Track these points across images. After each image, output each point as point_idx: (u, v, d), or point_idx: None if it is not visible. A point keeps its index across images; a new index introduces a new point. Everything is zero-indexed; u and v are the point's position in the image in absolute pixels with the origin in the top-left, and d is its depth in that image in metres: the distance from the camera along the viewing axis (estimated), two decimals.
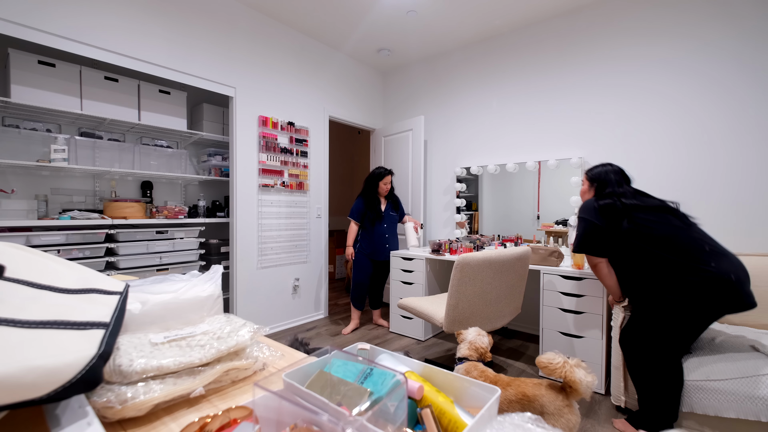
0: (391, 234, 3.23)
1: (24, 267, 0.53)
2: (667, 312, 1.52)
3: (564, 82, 2.92)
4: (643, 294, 1.62)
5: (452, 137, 3.63)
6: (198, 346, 0.63)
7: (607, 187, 1.82)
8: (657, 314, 1.56)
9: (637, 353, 1.63)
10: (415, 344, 2.86)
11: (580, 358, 2.14)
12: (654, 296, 1.56)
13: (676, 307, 1.50)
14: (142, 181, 2.80)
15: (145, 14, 2.35)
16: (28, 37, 1.92)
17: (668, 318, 1.52)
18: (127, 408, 0.51)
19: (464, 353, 1.37)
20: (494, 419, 0.47)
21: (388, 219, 3.19)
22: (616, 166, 1.88)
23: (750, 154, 2.21)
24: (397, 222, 3.30)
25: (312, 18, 3.05)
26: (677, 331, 1.53)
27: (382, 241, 3.15)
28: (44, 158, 2.27)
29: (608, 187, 1.81)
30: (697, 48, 2.37)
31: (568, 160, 2.86)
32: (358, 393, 0.48)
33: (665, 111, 2.49)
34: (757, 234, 2.19)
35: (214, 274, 0.83)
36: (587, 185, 1.95)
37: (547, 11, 2.90)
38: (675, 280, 1.50)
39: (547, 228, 3.00)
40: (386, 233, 3.18)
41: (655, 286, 1.56)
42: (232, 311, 2.88)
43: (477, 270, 1.93)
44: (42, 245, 2.03)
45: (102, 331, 0.48)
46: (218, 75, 2.72)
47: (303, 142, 3.31)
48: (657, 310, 1.56)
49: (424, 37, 3.36)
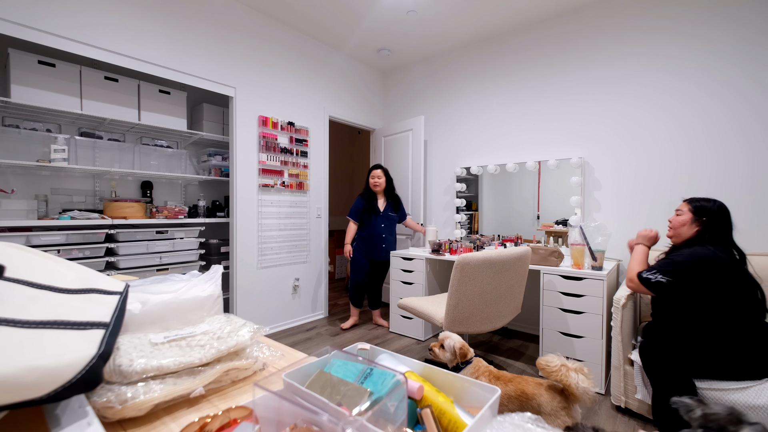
0: (389, 234, 3.18)
1: (24, 267, 0.53)
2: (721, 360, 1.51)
3: (564, 82, 2.92)
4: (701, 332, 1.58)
5: (452, 137, 3.63)
6: (198, 346, 0.63)
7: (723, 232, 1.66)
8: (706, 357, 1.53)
9: (659, 369, 1.60)
10: (415, 344, 2.86)
11: (580, 358, 2.15)
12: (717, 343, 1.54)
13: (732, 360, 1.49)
14: (142, 181, 2.79)
15: (145, 14, 2.35)
16: (28, 37, 1.92)
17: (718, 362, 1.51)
18: (127, 408, 0.51)
19: (450, 359, 1.35)
20: (494, 419, 0.47)
21: (385, 219, 3.15)
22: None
23: (751, 154, 2.21)
24: (395, 222, 3.24)
25: (312, 18, 3.05)
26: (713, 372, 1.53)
27: (378, 241, 3.12)
28: (44, 158, 2.26)
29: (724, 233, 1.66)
30: (698, 48, 2.37)
31: (568, 160, 2.86)
32: (358, 393, 0.48)
33: (666, 111, 2.49)
34: (761, 233, 2.19)
35: (214, 274, 0.83)
36: (690, 217, 1.72)
37: (547, 11, 2.90)
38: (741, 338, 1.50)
39: (547, 228, 3.00)
40: (383, 233, 3.13)
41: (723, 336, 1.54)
42: (232, 311, 2.88)
43: (477, 270, 1.93)
44: (42, 245, 2.03)
45: (102, 331, 0.48)
46: (218, 75, 2.72)
47: (303, 142, 3.31)
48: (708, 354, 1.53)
49: (424, 37, 3.36)
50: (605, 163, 2.74)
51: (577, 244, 2.26)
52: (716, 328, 1.55)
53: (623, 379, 1.86)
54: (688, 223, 1.71)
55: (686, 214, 1.73)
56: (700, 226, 1.68)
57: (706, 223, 1.67)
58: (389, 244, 3.19)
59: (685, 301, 1.63)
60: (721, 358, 1.51)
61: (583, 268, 2.23)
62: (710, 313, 1.57)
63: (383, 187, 3.16)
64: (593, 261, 2.19)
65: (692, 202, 1.74)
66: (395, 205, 3.23)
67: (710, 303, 1.57)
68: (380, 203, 3.17)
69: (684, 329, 1.62)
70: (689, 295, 1.61)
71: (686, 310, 1.63)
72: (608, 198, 2.74)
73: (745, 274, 1.59)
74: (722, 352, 1.51)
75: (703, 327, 1.57)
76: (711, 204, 1.70)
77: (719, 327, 1.54)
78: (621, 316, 1.86)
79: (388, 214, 3.17)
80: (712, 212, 1.67)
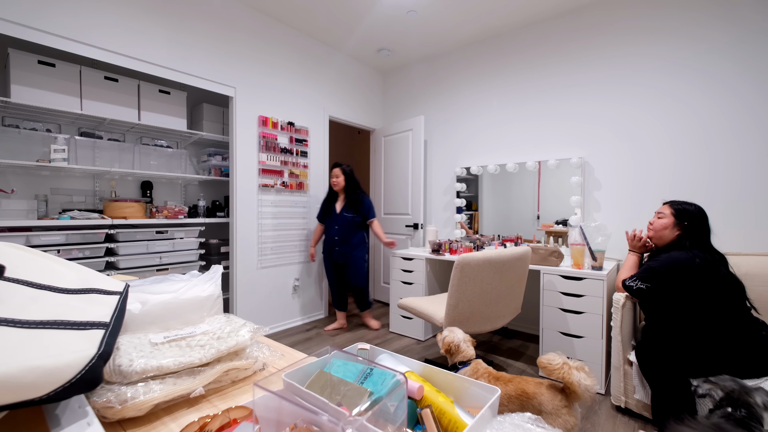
0: (344, 236, 3.01)
1: (24, 267, 0.53)
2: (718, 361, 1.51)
3: (564, 81, 2.92)
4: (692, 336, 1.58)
5: (452, 137, 3.63)
6: (198, 346, 0.63)
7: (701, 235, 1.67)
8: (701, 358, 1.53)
9: (654, 370, 1.61)
10: (415, 344, 2.86)
11: (580, 358, 2.15)
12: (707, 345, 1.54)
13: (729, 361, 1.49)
14: (142, 181, 2.79)
15: (145, 14, 2.35)
16: (28, 37, 1.92)
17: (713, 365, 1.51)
18: (127, 408, 0.51)
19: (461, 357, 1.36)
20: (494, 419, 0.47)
21: (340, 220, 3.01)
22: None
23: (751, 154, 2.21)
24: (350, 223, 3.02)
25: (312, 18, 3.05)
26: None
27: (332, 243, 3.05)
28: (44, 158, 2.26)
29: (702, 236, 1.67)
30: (698, 48, 2.37)
31: (568, 160, 2.86)
32: (358, 393, 0.48)
33: (666, 111, 2.49)
34: (759, 233, 2.19)
35: (214, 274, 0.83)
36: (672, 221, 1.73)
37: (546, 11, 2.90)
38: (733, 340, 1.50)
39: (547, 228, 3.00)
40: (336, 235, 3.02)
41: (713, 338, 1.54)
42: (232, 311, 2.88)
43: (477, 270, 1.93)
44: (42, 245, 2.03)
45: (102, 331, 0.48)
46: (218, 75, 2.72)
47: (303, 142, 3.31)
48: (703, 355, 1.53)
49: (424, 37, 3.36)
50: (605, 163, 2.74)
51: (577, 244, 2.26)
52: (703, 328, 1.56)
53: (623, 379, 1.86)
54: (670, 227, 1.73)
55: (668, 217, 1.74)
56: (681, 230, 1.71)
57: (688, 227, 1.69)
58: (343, 247, 3.02)
59: (667, 305, 1.65)
60: (712, 357, 1.51)
61: (583, 268, 2.23)
62: (694, 314, 1.58)
63: (342, 186, 3.03)
64: (593, 261, 2.19)
65: (674, 205, 1.76)
66: (354, 206, 3.03)
67: (691, 304, 1.59)
68: (338, 204, 3.07)
69: (673, 331, 1.63)
70: (669, 298, 1.63)
71: (671, 312, 1.65)
72: (608, 198, 2.74)
73: (724, 274, 1.60)
74: (712, 351, 1.52)
75: (690, 327, 1.58)
76: (692, 208, 1.72)
77: (706, 327, 1.55)
78: (620, 316, 1.86)
79: (344, 215, 3.02)
80: (693, 216, 1.69)
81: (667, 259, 1.65)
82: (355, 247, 3.05)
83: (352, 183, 3.06)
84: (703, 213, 1.72)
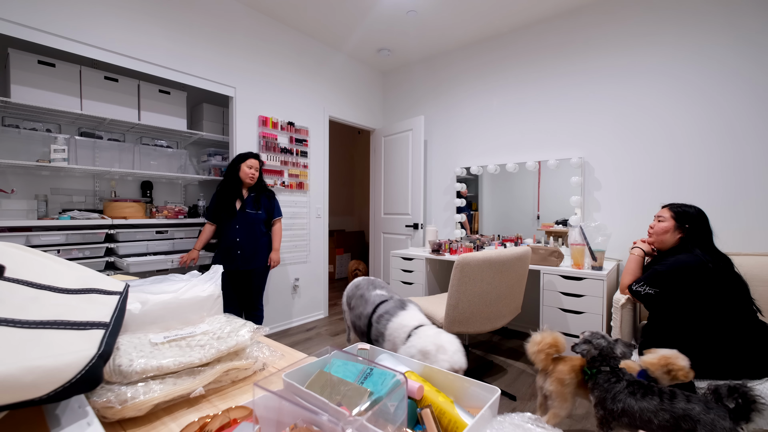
0: (248, 238, 2.47)
1: (24, 267, 0.53)
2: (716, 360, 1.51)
3: (564, 81, 2.92)
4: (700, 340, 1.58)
5: (452, 137, 3.63)
6: (198, 346, 0.63)
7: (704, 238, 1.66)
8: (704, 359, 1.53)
9: None
10: None
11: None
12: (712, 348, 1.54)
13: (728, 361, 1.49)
14: (142, 181, 2.79)
15: (145, 14, 2.35)
16: (28, 37, 1.92)
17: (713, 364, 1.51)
18: (127, 408, 0.51)
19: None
20: (494, 419, 0.47)
21: (242, 218, 2.47)
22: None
23: (750, 154, 2.21)
24: (256, 222, 2.51)
25: (312, 18, 3.05)
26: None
27: (233, 247, 2.44)
28: (44, 158, 2.26)
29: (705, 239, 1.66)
30: (698, 48, 2.37)
31: (568, 160, 2.86)
32: (358, 393, 0.48)
33: (666, 110, 2.49)
34: (759, 233, 2.19)
35: (214, 274, 0.83)
36: (672, 224, 1.71)
37: (546, 12, 2.90)
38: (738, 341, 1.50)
39: (547, 228, 3.00)
40: (237, 236, 2.45)
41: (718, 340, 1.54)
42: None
43: (477, 270, 1.93)
44: (42, 245, 2.03)
45: (102, 331, 0.48)
46: (218, 75, 2.72)
47: (303, 142, 3.31)
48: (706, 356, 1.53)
49: (424, 37, 3.36)
50: (605, 163, 2.74)
51: (577, 244, 2.26)
52: (709, 330, 1.55)
53: None
54: (671, 230, 1.71)
55: (668, 220, 1.72)
56: (683, 233, 1.69)
57: (689, 230, 1.68)
58: (247, 251, 2.48)
59: (676, 308, 1.65)
60: (717, 358, 1.52)
61: (583, 268, 2.23)
62: (702, 316, 1.58)
63: (256, 180, 2.57)
64: (593, 261, 2.19)
65: (673, 208, 1.74)
66: (257, 200, 2.54)
67: (700, 307, 1.58)
68: (239, 201, 2.50)
69: (679, 332, 1.63)
70: (679, 302, 1.62)
71: (679, 315, 1.64)
72: (608, 198, 2.74)
73: (731, 275, 1.60)
74: (717, 352, 1.52)
75: (697, 329, 1.58)
76: (691, 210, 1.70)
77: (712, 328, 1.55)
78: (621, 316, 1.86)
79: (246, 212, 2.49)
80: (694, 218, 1.68)
81: (674, 263, 1.63)
82: (260, 249, 2.56)
83: (261, 177, 2.65)
84: (703, 214, 1.70)
